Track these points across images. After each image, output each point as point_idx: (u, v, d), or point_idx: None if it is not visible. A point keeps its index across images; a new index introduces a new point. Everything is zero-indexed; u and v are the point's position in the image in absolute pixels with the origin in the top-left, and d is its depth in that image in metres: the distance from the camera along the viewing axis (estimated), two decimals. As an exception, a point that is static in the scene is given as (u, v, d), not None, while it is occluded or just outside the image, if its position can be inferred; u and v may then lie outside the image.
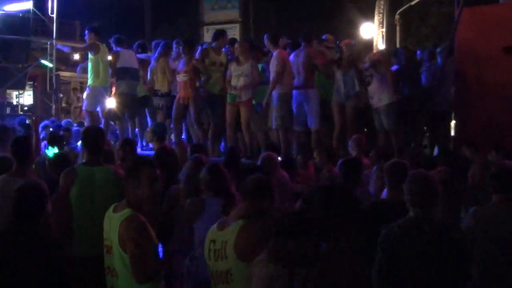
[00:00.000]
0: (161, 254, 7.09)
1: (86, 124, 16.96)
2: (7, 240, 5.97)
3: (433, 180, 6.38)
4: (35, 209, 6.20)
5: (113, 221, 5.90)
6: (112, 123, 17.27)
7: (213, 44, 15.93)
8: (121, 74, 16.24)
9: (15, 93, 34.53)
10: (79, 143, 13.00)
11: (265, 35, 15.35)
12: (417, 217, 6.12)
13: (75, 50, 20.98)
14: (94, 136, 8.48)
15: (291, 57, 14.92)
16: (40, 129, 14.14)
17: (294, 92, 14.83)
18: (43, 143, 13.23)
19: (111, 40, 16.77)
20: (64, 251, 6.38)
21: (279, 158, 11.26)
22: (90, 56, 16.63)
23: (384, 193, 7.97)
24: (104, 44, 16.63)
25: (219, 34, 16.22)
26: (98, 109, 16.50)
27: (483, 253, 6.99)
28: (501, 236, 7.04)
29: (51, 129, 15.87)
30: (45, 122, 17.86)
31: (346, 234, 5.83)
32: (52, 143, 12.36)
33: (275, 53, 14.71)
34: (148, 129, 14.46)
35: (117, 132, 17.12)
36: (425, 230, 6.03)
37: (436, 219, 6.21)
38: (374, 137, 14.62)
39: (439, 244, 6.00)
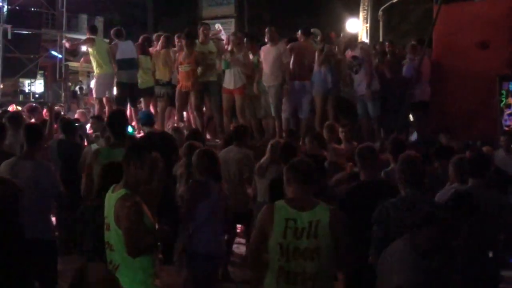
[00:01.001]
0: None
1: (93, 110, 17.00)
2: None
3: (421, 161, 6.47)
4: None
5: (111, 200, 5.91)
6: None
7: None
8: (120, 64, 16.21)
9: (27, 81, 34.44)
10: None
11: (267, 29, 15.29)
12: (408, 196, 6.24)
13: (73, 44, 20.86)
14: (118, 119, 8.56)
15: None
16: None
17: (294, 83, 14.88)
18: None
19: (111, 33, 16.76)
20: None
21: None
22: (89, 50, 16.72)
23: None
24: (101, 38, 16.67)
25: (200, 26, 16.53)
26: (107, 95, 16.57)
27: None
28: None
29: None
30: None
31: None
32: (64, 129, 12.28)
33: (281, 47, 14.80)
34: None
35: None
36: (416, 207, 6.04)
37: (427, 197, 6.35)
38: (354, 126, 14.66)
39: (428, 220, 6.05)
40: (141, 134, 13.61)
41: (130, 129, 13.58)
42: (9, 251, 5.93)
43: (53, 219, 9.51)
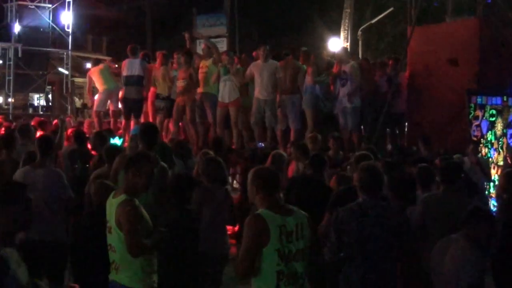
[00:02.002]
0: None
1: (95, 123, 17.03)
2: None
3: (379, 170, 6.45)
4: None
5: (112, 205, 5.93)
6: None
7: None
8: (127, 81, 16.23)
9: (36, 96, 34.34)
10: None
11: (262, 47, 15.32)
12: (364, 202, 6.19)
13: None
14: (151, 131, 8.57)
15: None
16: None
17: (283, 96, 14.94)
18: None
19: (128, 49, 16.70)
20: None
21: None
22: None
23: None
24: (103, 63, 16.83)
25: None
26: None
27: (431, 233, 7.15)
28: (441, 217, 7.19)
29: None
30: None
31: None
32: (77, 140, 12.35)
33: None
34: None
35: None
36: (369, 213, 6.10)
37: (380, 204, 6.29)
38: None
39: (381, 225, 6.08)
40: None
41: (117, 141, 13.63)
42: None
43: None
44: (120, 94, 16.85)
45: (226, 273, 9.09)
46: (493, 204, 12.77)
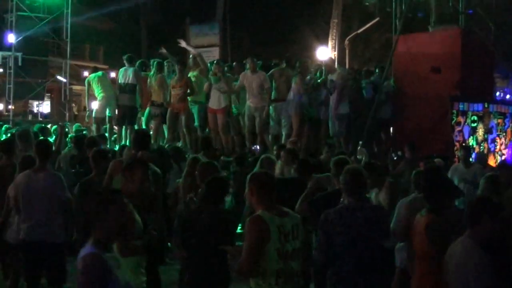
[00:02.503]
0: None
1: (93, 129, 17.01)
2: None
3: (364, 173, 6.47)
4: None
5: None
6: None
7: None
8: (122, 88, 16.18)
9: (35, 103, 34.35)
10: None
11: (248, 59, 15.40)
12: (350, 204, 6.19)
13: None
14: (141, 137, 8.59)
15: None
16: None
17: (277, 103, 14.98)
18: None
19: (125, 57, 16.62)
20: None
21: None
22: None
23: None
24: (99, 72, 16.79)
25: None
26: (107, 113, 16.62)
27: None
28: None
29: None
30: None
31: None
32: (77, 145, 12.42)
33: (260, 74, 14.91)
34: None
35: None
36: (356, 215, 6.08)
37: (366, 205, 6.29)
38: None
39: (368, 225, 6.09)
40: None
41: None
42: None
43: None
44: None
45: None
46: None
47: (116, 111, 16.47)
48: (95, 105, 17.59)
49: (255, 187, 5.55)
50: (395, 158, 13.70)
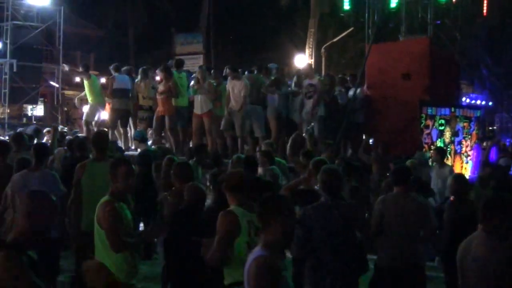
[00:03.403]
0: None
1: (83, 132, 16.96)
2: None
3: (339, 172, 6.49)
4: None
5: (98, 206, 5.92)
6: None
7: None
8: (116, 93, 16.10)
9: (29, 107, 34.12)
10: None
11: (227, 66, 15.43)
12: (326, 201, 6.23)
13: (73, 71, 20.45)
14: (101, 139, 8.55)
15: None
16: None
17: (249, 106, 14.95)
18: None
19: (111, 67, 16.65)
20: None
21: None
22: (85, 82, 16.65)
23: None
24: (95, 75, 16.64)
25: (182, 63, 16.45)
26: (96, 118, 16.50)
27: (387, 226, 7.22)
28: (394, 214, 7.26)
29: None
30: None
31: None
32: (70, 147, 12.42)
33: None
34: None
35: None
36: (334, 212, 6.13)
37: (342, 203, 6.32)
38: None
39: (344, 222, 6.13)
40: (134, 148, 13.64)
41: None
42: None
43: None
44: (107, 106, 16.77)
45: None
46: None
47: (110, 114, 16.41)
48: (85, 109, 17.53)
49: (228, 185, 5.67)
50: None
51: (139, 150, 13.30)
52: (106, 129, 16.63)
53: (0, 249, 4.16)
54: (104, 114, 16.97)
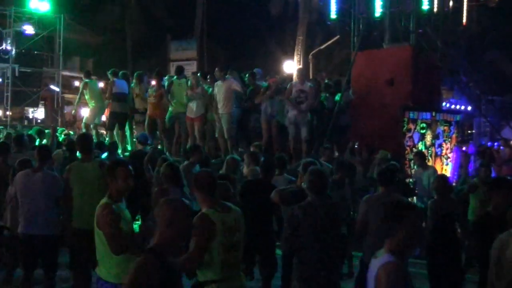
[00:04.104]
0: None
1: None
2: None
3: (326, 173, 6.49)
4: None
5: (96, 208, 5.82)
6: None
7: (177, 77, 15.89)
8: (115, 97, 16.04)
9: (31, 109, 34.02)
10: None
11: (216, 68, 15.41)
12: (313, 201, 6.23)
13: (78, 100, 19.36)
14: (86, 140, 8.47)
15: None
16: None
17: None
18: None
19: (109, 72, 16.60)
20: None
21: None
22: (84, 90, 16.69)
23: None
24: (94, 80, 16.56)
25: (182, 70, 16.34)
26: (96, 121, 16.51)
27: (371, 224, 7.23)
28: (377, 213, 7.25)
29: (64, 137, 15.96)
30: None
31: None
32: (68, 148, 12.43)
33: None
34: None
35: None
36: (319, 211, 6.13)
37: (327, 202, 6.32)
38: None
39: (329, 220, 6.14)
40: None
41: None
42: None
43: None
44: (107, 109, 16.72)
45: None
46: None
47: (109, 117, 16.36)
48: (85, 112, 17.51)
49: (198, 187, 5.55)
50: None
51: None
52: (104, 131, 16.67)
53: (142, 254, 4.15)
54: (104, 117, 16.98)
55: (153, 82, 16.37)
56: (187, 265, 5.29)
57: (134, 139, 16.00)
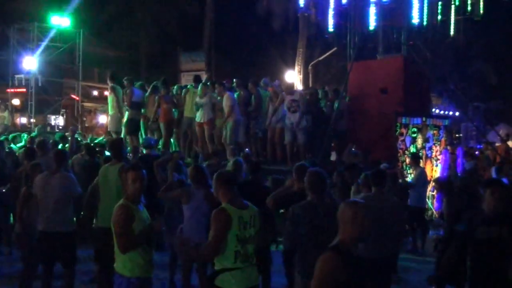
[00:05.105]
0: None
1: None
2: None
3: (324, 175, 6.49)
4: None
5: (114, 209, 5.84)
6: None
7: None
8: (133, 105, 16.11)
9: (53, 117, 34.00)
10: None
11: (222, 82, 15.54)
12: (313, 200, 6.24)
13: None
14: (117, 146, 8.54)
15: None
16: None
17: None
18: None
19: (125, 79, 16.53)
20: None
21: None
22: (111, 95, 16.60)
23: None
24: (119, 86, 16.46)
25: (199, 79, 16.33)
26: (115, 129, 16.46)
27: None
28: (374, 213, 7.26)
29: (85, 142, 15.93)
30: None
31: None
32: (88, 152, 12.46)
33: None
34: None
35: None
36: (319, 210, 6.13)
37: (326, 201, 6.31)
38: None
39: (329, 218, 6.12)
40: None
41: None
42: None
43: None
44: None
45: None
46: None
47: (127, 123, 16.26)
48: (104, 119, 17.46)
49: (219, 184, 5.68)
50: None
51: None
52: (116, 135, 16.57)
53: (327, 251, 4.21)
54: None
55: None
56: (205, 252, 5.55)
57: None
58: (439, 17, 18.11)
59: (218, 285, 5.48)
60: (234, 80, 16.08)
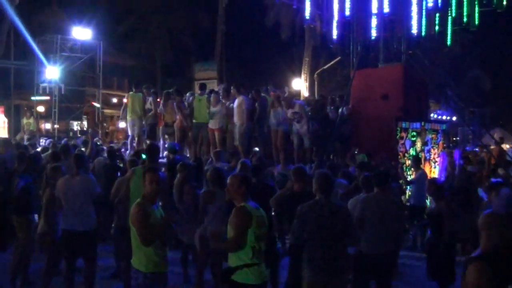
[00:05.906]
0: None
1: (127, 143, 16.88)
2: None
3: (331, 176, 6.47)
4: None
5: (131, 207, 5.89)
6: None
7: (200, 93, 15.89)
8: (150, 111, 16.16)
9: (75, 123, 34.23)
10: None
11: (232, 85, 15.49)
12: (320, 200, 6.23)
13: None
14: (152, 150, 8.64)
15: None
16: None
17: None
18: None
19: (143, 87, 16.59)
20: None
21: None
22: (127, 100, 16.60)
23: None
24: (134, 93, 16.40)
25: (204, 87, 16.28)
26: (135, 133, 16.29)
27: (368, 222, 7.21)
28: (376, 211, 7.26)
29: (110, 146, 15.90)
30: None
31: None
32: (109, 155, 12.47)
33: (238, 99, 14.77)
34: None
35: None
36: (325, 209, 6.12)
37: (332, 201, 6.31)
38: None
39: (334, 217, 6.12)
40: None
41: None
42: None
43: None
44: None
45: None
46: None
47: (148, 128, 16.23)
48: (122, 125, 17.41)
49: (239, 184, 5.70)
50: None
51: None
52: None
53: (472, 261, 3.87)
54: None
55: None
56: (229, 246, 5.56)
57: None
58: (437, 27, 18.09)
59: (237, 280, 5.49)
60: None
